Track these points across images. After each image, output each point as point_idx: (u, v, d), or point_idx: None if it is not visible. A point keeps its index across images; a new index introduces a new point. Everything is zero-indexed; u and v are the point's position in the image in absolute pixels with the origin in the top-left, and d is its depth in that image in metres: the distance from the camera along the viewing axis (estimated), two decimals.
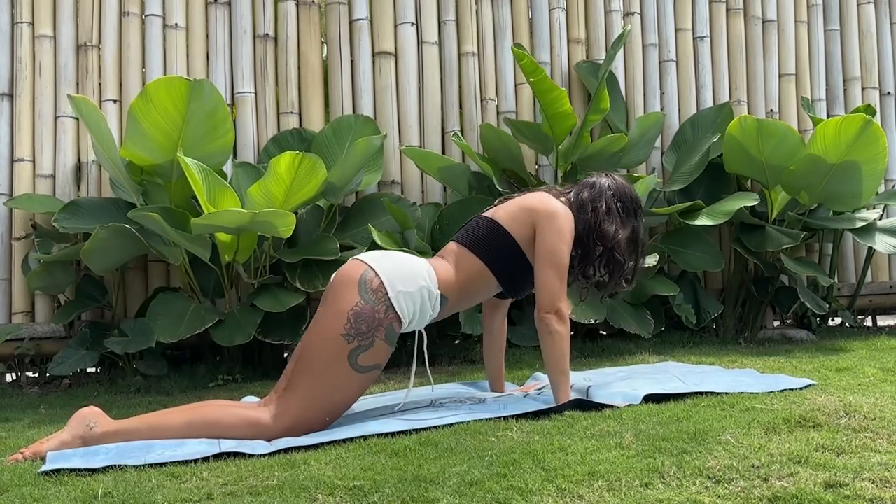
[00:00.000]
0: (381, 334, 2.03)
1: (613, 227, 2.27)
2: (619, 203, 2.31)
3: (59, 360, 3.17)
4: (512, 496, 1.38)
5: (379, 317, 2.02)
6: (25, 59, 3.49)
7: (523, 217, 2.22)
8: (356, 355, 2.00)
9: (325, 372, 1.99)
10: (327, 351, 2.00)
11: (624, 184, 2.37)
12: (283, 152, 2.91)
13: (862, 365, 2.75)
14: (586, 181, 2.38)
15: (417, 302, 2.09)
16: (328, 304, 2.07)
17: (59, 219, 3.16)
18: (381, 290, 2.04)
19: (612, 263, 2.29)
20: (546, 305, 2.15)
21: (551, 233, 2.18)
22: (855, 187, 3.54)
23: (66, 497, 1.50)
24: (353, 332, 2.00)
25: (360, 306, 2.02)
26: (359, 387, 2.04)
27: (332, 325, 2.02)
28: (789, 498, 1.32)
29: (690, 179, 3.81)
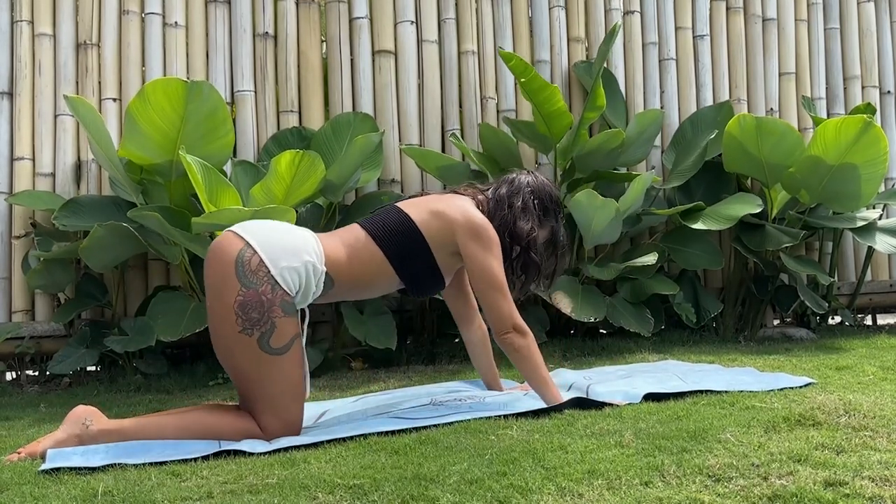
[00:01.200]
0: (276, 313, 1.93)
1: (529, 226, 2.21)
2: (536, 201, 2.26)
3: (59, 358, 3.17)
4: (512, 495, 1.38)
5: (267, 297, 1.92)
6: (25, 58, 3.49)
7: (440, 224, 2.13)
8: (265, 342, 1.92)
9: (258, 372, 1.93)
10: (239, 352, 1.93)
11: (545, 182, 2.32)
12: (284, 151, 2.91)
13: (862, 363, 2.76)
14: (506, 177, 2.32)
15: (303, 276, 1.98)
16: (211, 295, 1.96)
17: (58, 217, 3.16)
18: (263, 269, 1.93)
19: (528, 264, 2.23)
20: (500, 327, 2.10)
21: (479, 250, 2.11)
22: (854, 189, 3.54)
23: (66, 495, 1.50)
24: (247, 324, 1.90)
25: (244, 294, 1.91)
26: (293, 363, 1.96)
27: (224, 325, 1.93)
28: (789, 496, 1.32)
29: (688, 177, 3.81)
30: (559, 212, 2.33)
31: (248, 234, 1.99)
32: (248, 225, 2.05)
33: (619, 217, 3.34)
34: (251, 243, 1.96)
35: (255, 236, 1.98)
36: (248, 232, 2.00)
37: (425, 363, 3.38)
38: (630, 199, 3.39)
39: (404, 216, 2.15)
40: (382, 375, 3.12)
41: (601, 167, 3.68)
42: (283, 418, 1.96)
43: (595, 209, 3.28)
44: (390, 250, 2.11)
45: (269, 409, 1.95)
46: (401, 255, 2.12)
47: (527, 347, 2.11)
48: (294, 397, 1.97)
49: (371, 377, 3.10)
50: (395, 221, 2.15)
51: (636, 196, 3.41)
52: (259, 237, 1.98)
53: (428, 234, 2.13)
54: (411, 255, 2.12)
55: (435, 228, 2.13)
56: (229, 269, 1.93)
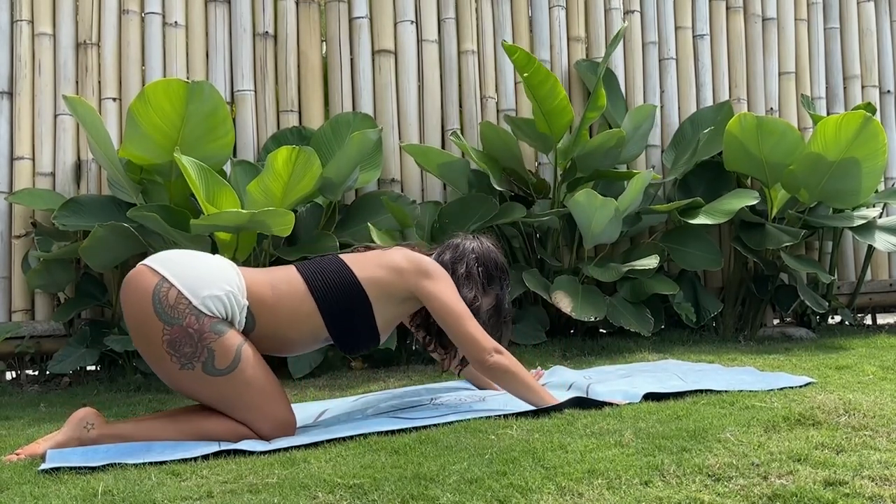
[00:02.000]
0: (210, 339, 1.84)
1: (472, 294, 2.12)
2: (480, 268, 2.17)
3: (58, 358, 3.17)
4: (512, 494, 1.38)
5: (194, 329, 1.83)
6: (25, 57, 3.49)
7: (385, 274, 2.04)
8: (211, 366, 1.85)
9: (220, 395, 1.88)
10: (190, 384, 1.87)
11: (490, 248, 2.24)
12: (280, 147, 2.90)
13: (861, 363, 2.76)
14: (450, 242, 2.24)
15: (227, 305, 1.89)
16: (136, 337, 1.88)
17: (58, 216, 3.16)
18: (183, 301, 1.84)
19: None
20: (481, 354, 2.01)
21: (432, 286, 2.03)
22: (854, 185, 3.54)
23: (66, 495, 1.50)
24: (183, 360, 1.83)
25: (169, 332, 1.82)
26: (250, 365, 1.89)
27: (162, 365, 1.86)
28: (789, 496, 1.32)
29: (684, 172, 3.81)
30: (505, 279, 2.25)
31: (162, 266, 1.90)
32: (161, 256, 1.96)
33: (618, 216, 3.34)
34: (166, 276, 1.87)
35: (169, 269, 1.89)
36: (161, 264, 1.91)
37: (425, 363, 3.38)
38: (629, 198, 3.39)
39: (347, 270, 2.04)
40: (382, 375, 3.12)
41: (601, 166, 3.68)
42: (271, 420, 1.93)
43: (595, 209, 3.28)
44: (324, 302, 2.00)
45: (254, 418, 1.93)
46: (336, 308, 2.01)
47: (514, 364, 2.03)
48: (270, 397, 1.92)
49: (371, 377, 3.10)
50: (335, 272, 2.03)
51: (635, 194, 3.41)
52: (174, 269, 1.89)
53: (370, 288, 2.03)
54: (348, 310, 2.01)
55: (382, 281, 2.04)
56: (147, 308, 1.84)
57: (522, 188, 3.82)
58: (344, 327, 2.03)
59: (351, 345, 2.08)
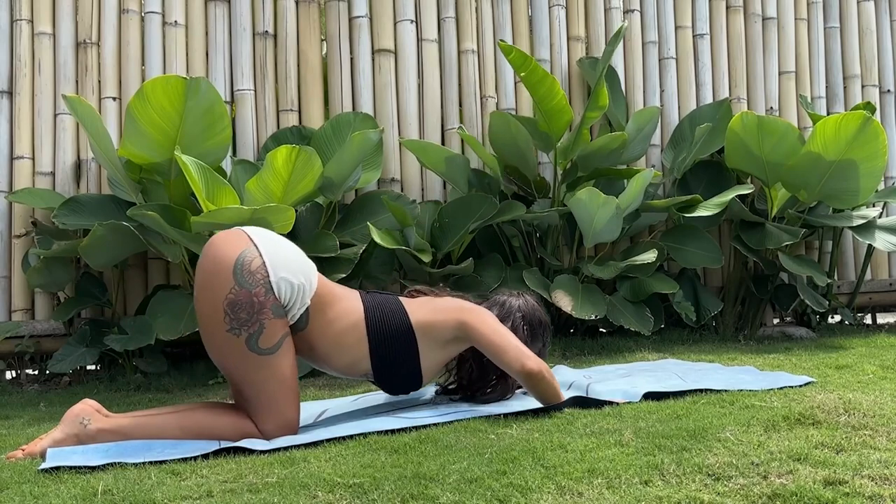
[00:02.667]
0: (267, 315, 1.89)
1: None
2: (526, 327, 2.23)
3: (58, 357, 3.17)
4: (511, 493, 1.38)
5: (259, 300, 1.88)
6: (25, 57, 3.49)
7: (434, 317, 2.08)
8: (254, 343, 1.88)
9: (248, 373, 1.91)
10: (228, 351, 1.90)
11: (535, 306, 2.30)
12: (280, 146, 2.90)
13: (861, 362, 2.76)
14: (496, 299, 2.30)
15: (295, 293, 1.94)
16: (201, 288, 1.92)
17: (58, 215, 3.16)
18: (262, 272, 1.89)
19: (504, 387, 2.21)
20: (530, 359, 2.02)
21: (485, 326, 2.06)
22: (853, 185, 3.54)
23: (66, 494, 1.50)
24: (235, 324, 1.87)
25: (236, 293, 1.87)
26: (285, 361, 1.93)
27: (213, 320, 1.89)
28: (789, 495, 1.32)
29: (683, 170, 3.81)
30: (546, 335, 2.32)
31: (257, 236, 1.97)
32: (258, 228, 2.03)
33: (619, 214, 3.34)
34: (258, 245, 1.93)
35: (262, 241, 1.96)
36: (257, 234, 1.98)
37: None
38: (630, 196, 3.39)
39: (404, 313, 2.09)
40: None
41: (602, 166, 3.68)
42: (279, 419, 1.95)
43: (597, 207, 3.28)
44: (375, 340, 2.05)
45: (264, 410, 1.94)
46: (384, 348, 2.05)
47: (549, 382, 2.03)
48: (288, 397, 1.95)
49: None
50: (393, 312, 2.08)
51: (636, 193, 3.41)
52: (266, 243, 1.96)
53: (420, 332, 2.07)
54: (395, 352, 2.06)
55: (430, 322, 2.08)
56: (227, 264, 1.90)
57: (524, 187, 3.82)
58: (387, 368, 2.08)
59: (390, 385, 2.14)
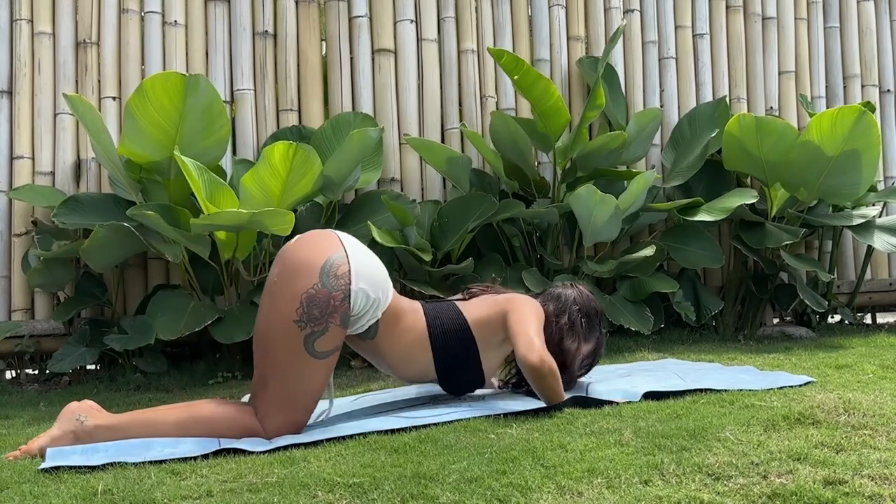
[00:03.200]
0: (335, 320, 1.95)
1: (575, 345, 2.24)
2: (583, 319, 2.28)
3: (58, 357, 3.17)
4: (511, 493, 1.38)
5: (335, 303, 1.94)
6: (24, 57, 3.49)
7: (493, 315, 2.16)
8: (312, 342, 1.93)
9: (288, 367, 1.95)
10: (283, 341, 1.94)
11: (589, 296, 2.35)
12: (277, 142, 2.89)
13: (861, 362, 2.76)
14: (551, 292, 2.34)
15: (368, 306, 2.02)
16: (283, 279, 1.97)
17: (58, 214, 3.16)
18: (345, 279, 1.96)
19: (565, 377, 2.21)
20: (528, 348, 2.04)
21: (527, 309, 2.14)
22: (854, 177, 3.52)
23: (65, 494, 1.50)
24: (304, 317, 1.92)
25: (317, 289, 1.93)
26: (325, 371, 1.98)
27: (284, 308, 1.94)
28: (788, 495, 1.33)
29: (689, 175, 3.82)
30: (603, 325, 2.38)
31: (348, 244, 2.04)
32: (351, 238, 2.09)
33: (619, 214, 3.34)
34: (348, 252, 2.00)
35: (352, 249, 2.03)
36: (349, 242, 2.05)
37: None
38: (630, 198, 3.39)
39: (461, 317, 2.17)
40: (382, 374, 3.11)
41: (602, 166, 3.68)
42: (291, 419, 1.96)
43: (595, 204, 3.28)
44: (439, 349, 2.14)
45: (282, 406, 1.95)
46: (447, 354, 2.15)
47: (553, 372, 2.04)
48: (309, 403, 1.99)
49: (371, 376, 3.09)
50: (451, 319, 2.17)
51: (637, 194, 3.41)
52: (356, 252, 2.03)
53: (478, 332, 2.16)
54: (458, 358, 2.16)
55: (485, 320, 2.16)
56: (316, 262, 1.96)
57: (524, 186, 3.82)
58: (451, 373, 2.18)
59: (455, 389, 2.24)
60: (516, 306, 2.16)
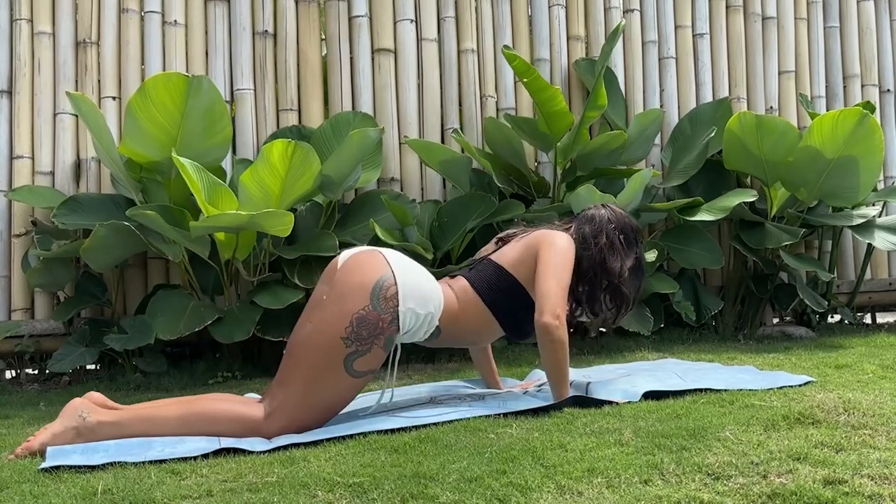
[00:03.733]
0: (380, 342, 2.00)
1: (619, 263, 2.27)
2: (621, 236, 2.31)
3: (58, 356, 3.17)
4: (511, 493, 1.38)
5: (383, 326, 1.99)
6: (24, 56, 3.49)
7: (526, 256, 2.21)
8: (352, 360, 1.97)
9: (319, 375, 1.97)
10: (324, 352, 1.97)
11: (623, 213, 2.38)
12: (275, 140, 2.89)
13: (861, 362, 2.76)
14: (585, 214, 2.37)
15: (419, 323, 2.07)
16: (334, 298, 2.01)
17: (58, 214, 3.16)
18: (394, 301, 2.01)
19: (619, 297, 2.29)
20: (548, 309, 2.10)
21: (552, 252, 2.17)
22: (853, 182, 3.53)
23: (65, 494, 1.50)
24: (352, 336, 1.96)
25: (367, 311, 1.98)
26: (353, 390, 2.02)
27: (333, 324, 1.97)
28: (788, 494, 1.33)
29: (689, 175, 3.81)
30: (640, 239, 2.39)
31: (395, 264, 2.06)
32: (396, 255, 2.12)
33: None
34: (395, 272, 2.04)
35: (400, 269, 2.06)
36: (396, 263, 2.07)
37: (425, 362, 3.39)
38: (628, 195, 3.39)
39: (502, 271, 2.23)
40: (382, 374, 3.11)
41: (602, 166, 3.68)
42: (300, 423, 1.97)
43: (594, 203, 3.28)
44: (496, 307, 2.20)
45: (298, 409, 1.97)
46: (505, 309, 2.21)
47: (562, 342, 2.10)
48: (325, 415, 2.03)
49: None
50: (496, 277, 2.22)
51: (634, 192, 3.40)
52: (403, 272, 2.06)
53: (521, 277, 2.20)
54: (514, 307, 2.21)
55: (524, 266, 2.20)
56: (367, 285, 2.00)
57: (523, 186, 3.82)
58: (515, 321, 2.23)
59: (524, 334, 2.27)
60: (545, 250, 2.18)
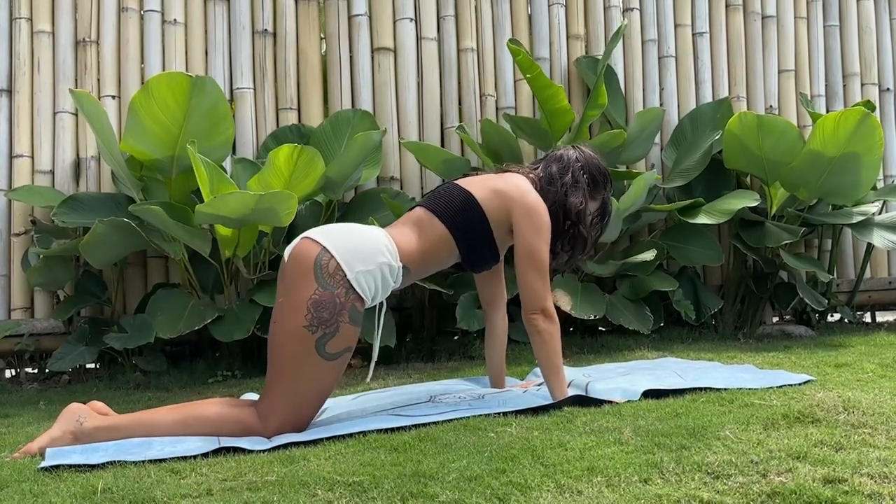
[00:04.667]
0: (344, 318, 1.97)
1: (579, 199, 2.25)
2: (586, 175, 2.29)
3: (58, 356, 3.17)
4: (511, 492, 1.38)
5: (340, 301, 1.96)
6: (24, 55, 3.49)
7: (498, 201, 2.18)
8: (323, 344, 1.95)
9: (297, 369, 1.96)
10: (294, 346, 1.96)
11: (592, 155, 2.35)
12: (282, 145, 2.90)
13: (861, 361, 2.76)
14: (554, 154, 2.36)
15: (378, 278, 2.04)
16: (285, 293, 2.01)
17: (58, 213, 3.16)
18: (339, 273, 1.97)
19: (576, 238, 2.28)
20: (531, 306, 2.14)
21: (530, 230, 2.16)
22: (854, 179, 3.53)
23: (65, 493, 1.50)
24: (315, 321, 1.94)
25: (319, 294, 1.96)
26: (335, 373, 2.00)
27: (292, 317, 1.96)
28: (788, 493, 1.33)
29: (692, 177, 3.80)
30: (608, 182, 2.37)
31: (323, 237, 2.03)
32: (322, 229, 2.09)
33: (619, 216, 3.34)
34: (328, 248, 2.00)
35: (329, 240, 2.02)
36: (323, 236, 2.04)
37: (425, 361, 3.39)
38: (631, 199, 3.39)
39: (466, 193, 2.20)
40: (382, 373, 3.12)
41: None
42: (296, 418, 1.97)
43: None
44: (453, 224, 2.16)
45: (288, 406, 1.96)
46: (463, 227, 2.17)
47: (549, 332, 2.13)
48: (315, 404, 2.01)
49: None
50: (458, 198, 2.20)
51: (637, 195, 3.40)
52: (333, 241, 2.02)
53: (488, 210, 2.17)
54: (472, 228, 2.17)
55: (495, 205, 2.17)
56: (308, 270, 1.98)
57: None
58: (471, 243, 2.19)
59: (477, 260, 2.24)
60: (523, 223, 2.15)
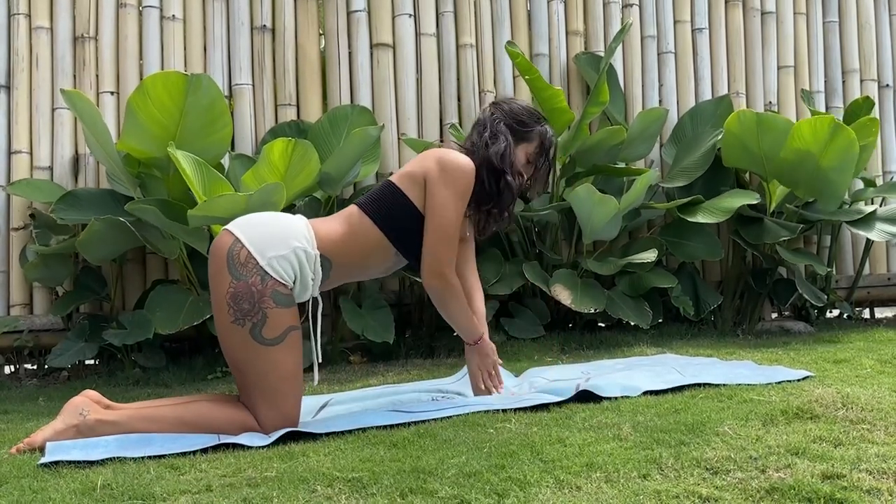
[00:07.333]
0: (268, 304, 1.93)
1: (503, 146, 2.20)
2: (503, 124, 2.24)
3: (57, 352, 3.17)
4: (510, 487, 1.38)
5: (257, 289, 1.93)
6: (22, 51, 3.48)
7: (420, 173, 2.14)
8: (258, 332, 1.93)
9: (250, 362, 1.95)
10: (233, 343, 1.95)
11: (509, 104, 2.31)
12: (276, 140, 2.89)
13: (859, 357, 2.76)
14: (476, 119, 2.35)
15: (294, 264, 1.99)
16: (211, 289, 2.01)
17: (57, 209, 3.16)
18: (252, 262, 1.95)
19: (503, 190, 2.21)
20: (428, 270, 2.12)
21: (441, 185, 2.11)
22: (834, 182, 3.55)
23: (65, 489, 1.50)
24: (238, 314, 1.93)
25: (234, 286, 1.94)
26: (291, 354, 1.97)
27: (219, 315, 1.96)
28: (787, 489, 1.33)
29: (694, 176, 3.78)
30: (537, 119, 2.31)
31: (237, 228, 2.02)
32: (240, 219, 2.07)
33: (618, 214, 3.34)
34: (239, 237, 1.99)
35: (242, 230, 2.01)
36: (237, 226, 2.03)
37: (424, 357, 3.39)
38: (632, 197, 3.39)
39: (387, 181, 2.19)
40: (381, 369, 3.12)
41: (601, 163, 3.67)
42: (279, 410, 1.95)
43: (594, 204, 3.28)
44: (380, 218, 2.12)
45: (265, 401, 1.95)
46: (390, 219, 2.12)
47: (447, 294, 2.16)
48: (289, 389, 1.97)
49: (369, 371, 3.10)
50: (379, 188, 2.19)
51: (638, 194, 3.40)
52: (246, 230, 2.01)
53: (408, 189, 2.14)
54: (399, 217, 2.13)
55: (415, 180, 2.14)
56: (222, 264, 1.97)
57: None
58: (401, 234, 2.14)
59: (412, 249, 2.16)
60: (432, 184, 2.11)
